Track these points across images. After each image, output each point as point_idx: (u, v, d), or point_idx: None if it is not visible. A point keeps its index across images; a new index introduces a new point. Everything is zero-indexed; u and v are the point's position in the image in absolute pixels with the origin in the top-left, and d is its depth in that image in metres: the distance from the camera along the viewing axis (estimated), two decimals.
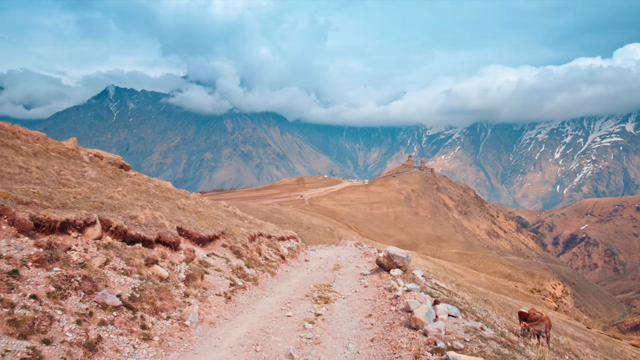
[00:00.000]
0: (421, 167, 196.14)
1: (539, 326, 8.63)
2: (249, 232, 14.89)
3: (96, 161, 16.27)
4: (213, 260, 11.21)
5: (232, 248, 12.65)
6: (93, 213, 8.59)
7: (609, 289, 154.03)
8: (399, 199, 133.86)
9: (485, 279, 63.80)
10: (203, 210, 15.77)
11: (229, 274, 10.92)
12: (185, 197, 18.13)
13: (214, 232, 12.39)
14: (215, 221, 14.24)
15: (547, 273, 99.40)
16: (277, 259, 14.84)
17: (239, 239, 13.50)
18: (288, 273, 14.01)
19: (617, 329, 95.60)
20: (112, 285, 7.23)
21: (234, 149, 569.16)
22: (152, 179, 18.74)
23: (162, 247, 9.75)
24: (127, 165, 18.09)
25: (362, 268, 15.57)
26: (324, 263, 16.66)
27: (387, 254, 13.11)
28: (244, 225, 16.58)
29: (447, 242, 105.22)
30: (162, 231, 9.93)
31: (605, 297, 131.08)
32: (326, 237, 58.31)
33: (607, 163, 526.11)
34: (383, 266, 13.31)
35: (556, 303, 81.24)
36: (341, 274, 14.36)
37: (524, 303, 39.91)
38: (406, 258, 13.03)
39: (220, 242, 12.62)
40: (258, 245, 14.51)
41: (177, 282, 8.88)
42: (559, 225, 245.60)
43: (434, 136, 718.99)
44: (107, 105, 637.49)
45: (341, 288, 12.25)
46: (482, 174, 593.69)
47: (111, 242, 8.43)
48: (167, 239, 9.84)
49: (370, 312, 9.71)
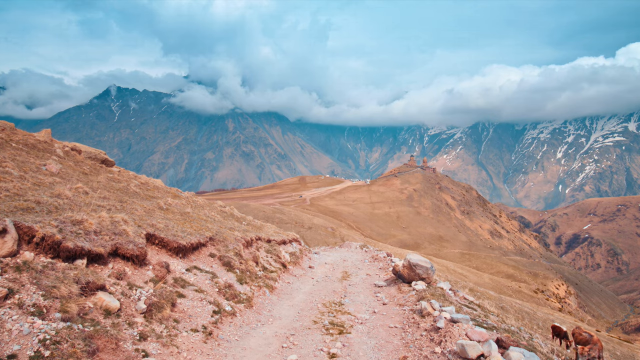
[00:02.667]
0: (423, 166, 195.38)
1: (593, 350, 7.70)
2: (244, 237, 13.02)
3: (73, 155, 14.43)
4: (194, 276, 8.90)
5: (222, 258, 10.56)
6: (6, 217, 6.10)
7: (612, 289, 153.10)
8: (401, 198, 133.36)
9: (488, 280, 63.30)
10: (192, 212, 13.91)
11: (213, 295, 8.60)
12: (175, 196, 16.33)
13: (198, 239, 10.21)
14: (204, 224, 12.30)
15: (550, 273, 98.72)
16: (277, 268, 12.99)
17: (232, 246, 11.47)
18: (290, 286, 12.09)
19: (621, 330, 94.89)
20: (4, 339, 4.48)
21: (235, 148, 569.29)
22: (139, 176, 17.33)
23: (120, 263, 7.34)
24: (110, 161, 16.63)
25: (374, 276, 14.00)
26: (330, 270, 15.05)
27: (409, 264, 11.32)
28: (241, 227, 14.99)
29: (449, 242, 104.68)
30: (120, 241, 7.49)
31: (609, 297, 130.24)
32: (328, 237, 57.94)
33: (609, 163, 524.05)
34: (402, 277, 11.60)
35: (560, 304, 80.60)
36: (352, 285, 12.59)
37: (530, 304, 39.42)
38: (431, 268, 11.26)
39: (207, 250, 10.54)
40: (255, 253, 12.66)
41: (133, 316, 6.30)
42: (562, 225, 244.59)
43: (436, 136, 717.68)
44: (109, 105, 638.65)
45: (356, 306, 10.37)
46: (484, 173, 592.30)
47: (30, 260, 5.81)
48: (127, 252, 7.43)
49: (404, 351, 7.34)
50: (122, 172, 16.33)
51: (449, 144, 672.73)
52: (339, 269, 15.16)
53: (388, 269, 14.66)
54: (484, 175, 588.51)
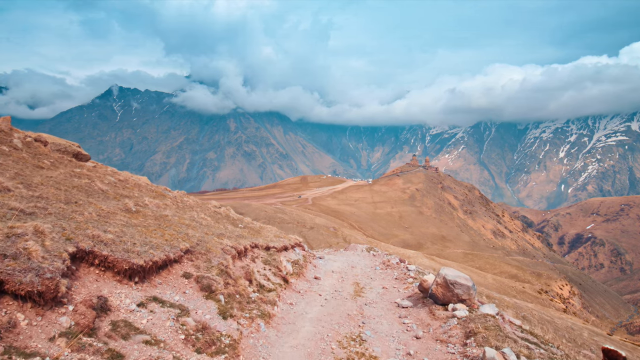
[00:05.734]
0: (425, 166, 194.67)
1: None
2: (236, 245, 10.45)
3: (35, 147, 12.30)
4: (149, 315, 5.91)
5: (200, 280, 7.67)
6: None
7: (615, 289, 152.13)
8: (404, 198, 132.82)
9: (492, 280, 62.77)
10: (172, 215, 11.29)
11: (176, 347, 5.53)
12: (159, 195, 14.16)
13: (167, 254, 7.48)
14: (183, 231, 9.68)
15: (554, 273, 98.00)
16: (277, 285, 10.47)
17: (217, 260, 8.83)
18: (293, 309, 9.55)
19: (626, 331, 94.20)
20: None
21: (237, 148, 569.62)
22: (120, 173, 15.25)
23: (12, 306, 4.45)
24: (84, 155, 14.65)
25: (392, 290, 11.85)
26: (339, 281, 13.02)
27: (444, 281, 9.06)
28: (234, 233, 12.68)
29: (452, 242, 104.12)
30: (13, 268, 4.58)
31: (613, 297, 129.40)
32: (330, 238, 57.54)
33: (612, 162, 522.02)
34: (435, 298, 9.35)
35: (564, 304, 79.98)
36: (369, 305, 10.36)
37: (539, 306, 38.87)
38: (472, 287, 9.01)
39: (180, 269, 7.80)
40: (248, 267, 10.10)
41: None
42: (565, 225, 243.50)
43: (438, 135, 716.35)
44: (110, 105, 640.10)
45: (381, 342, 7.87)
46: (486, 173, 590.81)
47: None
48: (21, 287, 4.50)
49: None
50: (98, 167, 14.30)
51: (450, 143, 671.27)
52: (349, 280, 13.28)
53: (406, 280, 12.96)
54: (486, 174, 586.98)
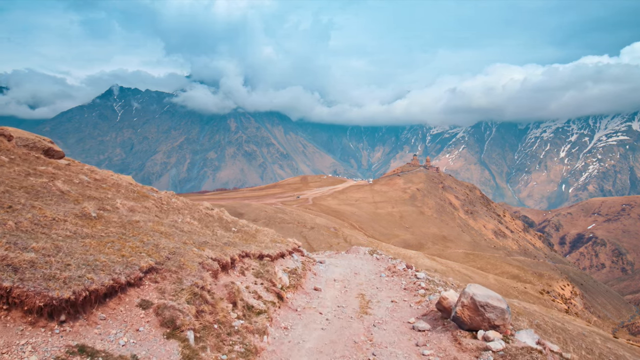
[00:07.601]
0: (426, 166, 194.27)
1: None
2: (221, 256, 8.57)
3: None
4: None
5: (160, 312, 5.79)
6: None
7: (617, 290, 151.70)
8: (404, 198, 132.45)
9: (494, 280, 62.42)
10: (146, 220, 9.37)
11: None
12: (142, 195, 12.18)
13: (114, 278, 5.57)
14: (151, 241, 7.70)
15: (556, 273, 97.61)
16: (269, 304, 8.63)
17: (191, 279, 6.80)
18: (288, 337, 7.72)
19: (628, 331, 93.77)
20: None
21: (237, 148, 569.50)
22: (97, 171, 13.58)
23: None
24: (57, 151, 12.90)
25: (402, 304, 10.42)
26: (342, 293, 11.49)
27: (472, 303, 7.36)
28: (224, 239, 10.74)
29: (453, 242, 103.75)
30: None
31: (614, 297, 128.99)
32: (331, 238, 57.21)
33: (613, 162, 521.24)
34: (460, 322, 7.58)
35: (566, 305, 79.61)
36: (378, 326, 8.74)
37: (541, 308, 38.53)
38: (507, 310, 7.34)
39: (137, 295, 5.93)
40: (233, 283, 8.14)
41: None
42: (566, 225, 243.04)
43: (438, 135, 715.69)
44: (111, 104, 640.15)
45: None
46: (487, 173, 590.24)
47: None
48: None
49: None
50: (73, 165, 12.72)
51: (451, 143, 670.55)
52: (353, 291, 11.85)
53: (417, 291, 11.59)
54: (486, 174, 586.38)
